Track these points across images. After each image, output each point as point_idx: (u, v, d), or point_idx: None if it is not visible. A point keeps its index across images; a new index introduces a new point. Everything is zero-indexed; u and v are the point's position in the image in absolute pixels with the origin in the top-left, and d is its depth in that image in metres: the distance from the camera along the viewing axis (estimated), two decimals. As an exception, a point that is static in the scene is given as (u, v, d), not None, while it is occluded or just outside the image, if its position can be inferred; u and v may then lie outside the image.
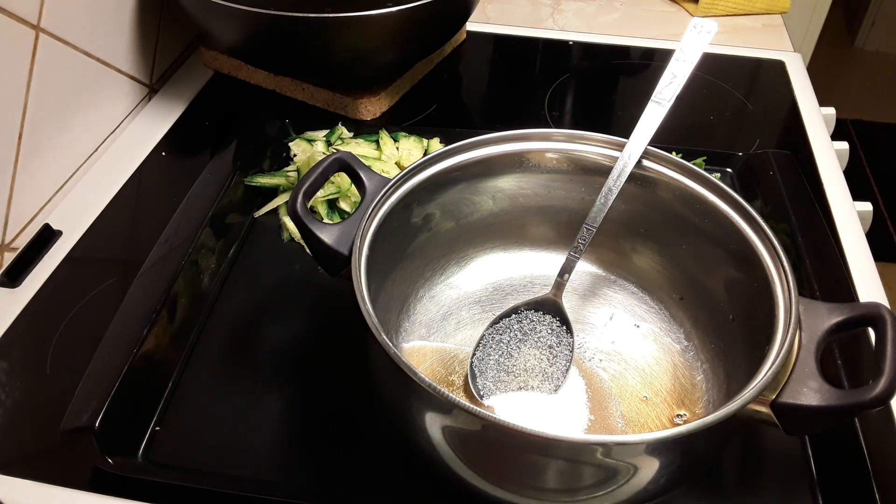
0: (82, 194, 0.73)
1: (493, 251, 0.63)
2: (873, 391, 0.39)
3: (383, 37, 0.76)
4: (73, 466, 0.51)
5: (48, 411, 0.53)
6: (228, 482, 0.50)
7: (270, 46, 0.78)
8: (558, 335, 0.55)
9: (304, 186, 0.51)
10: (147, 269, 0.60)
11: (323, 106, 0.85)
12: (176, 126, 0.82)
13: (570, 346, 0.55)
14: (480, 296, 0.61)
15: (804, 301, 0.46)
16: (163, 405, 0.55)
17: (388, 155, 0.74)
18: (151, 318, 0.55)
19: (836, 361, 0.57)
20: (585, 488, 0.44)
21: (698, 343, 0.56)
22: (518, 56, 0.97)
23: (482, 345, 0.55)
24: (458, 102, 0.91)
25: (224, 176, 0.70)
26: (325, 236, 0.50)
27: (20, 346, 0.59)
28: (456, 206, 0.58)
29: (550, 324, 0.56)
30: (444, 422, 0.43)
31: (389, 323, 0.56)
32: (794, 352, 0.43)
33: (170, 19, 0.87)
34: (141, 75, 0.84)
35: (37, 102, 0.67)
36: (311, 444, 0.53)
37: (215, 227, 0.65)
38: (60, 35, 0.69)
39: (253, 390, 0.57)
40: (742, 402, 0.40)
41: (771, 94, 0.90)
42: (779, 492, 0.51)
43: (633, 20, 1.04)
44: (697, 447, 0.44)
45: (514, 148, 0.57)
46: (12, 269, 0.64)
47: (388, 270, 0.55)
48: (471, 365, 0.54)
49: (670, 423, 0.52)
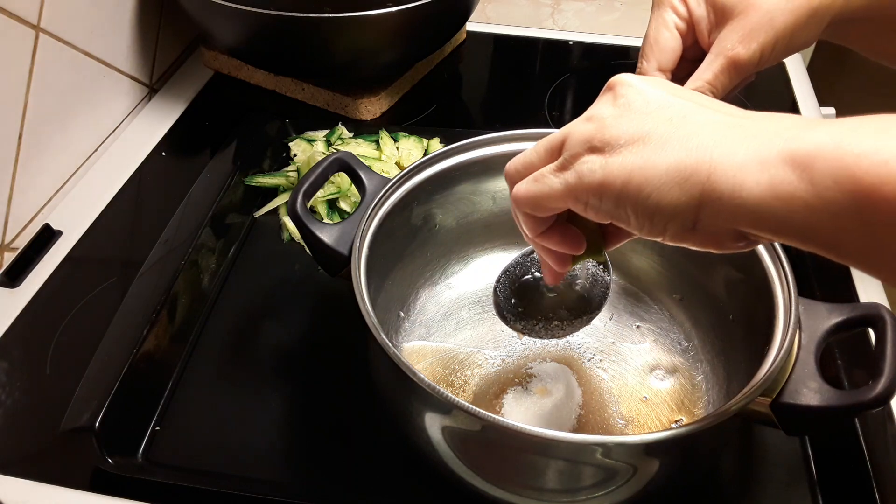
0: (82, 194, 0.73)
1: (493, 251, 0.63)
2: (873, 391, 0.39)
3: (383, 37, 0.76)
4: (73, 466, 0.51)
5: (48, 411, 0.53)
6: (228, 482, 0.50)
7: (270, 46, 0.78)
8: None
9: (304, 186, 0.51)
10: (147, 269, 0.60)
11: (323, 106, 0.85)
12: (176, 126, 0.82)
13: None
14: (480, 296, 0.61)
15: (804, 301, 0.46)
16: (163, 405, 0.55)
17: (388, 155, 0.74)
18: (151, 318, 0.55)
19: (836, 361, 0.57)
20: (585, 488, 0.44)
21: (698, 343, 0.56)
22: (518, 56, 0.97)
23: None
24: (458, 102, 0.91)
25: (224, 176, 0.70)
26: (325, 236, 0.50)
27: (20, 346, 0.59)
28: (456, 206, 0.58)
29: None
30: (444, 422, 0.43)
31: (389, 323, 0.56)
32: (793, 352, 0.43)
33: (170, 19, 0.87)
34: (141, 75, 0.84)
35: (37, 102, 0.67)
36: (311, 443, 0.53)
37: (215, 227, 0.65)
38: (60, 35, 0.69)
39: (253, 390, 0.57)
40: (742, 402, 0.40)
41: (771, 94, 0.90)
42: (779, 492, 0.51)
43: (633, 20, 1.04)
44: (697, 447, 0.44)
45: (514, 148, 0.57)
46: (12, 269, 0.64)
47: (388, 270, 0.55)
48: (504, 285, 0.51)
49: (670, 424, 0.52)
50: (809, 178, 0.28)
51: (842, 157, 0.27)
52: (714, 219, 0.31)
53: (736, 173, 0.30)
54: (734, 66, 0.45)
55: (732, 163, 0.30)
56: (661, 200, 0.32)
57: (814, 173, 0.28)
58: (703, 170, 0.31)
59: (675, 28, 0.48)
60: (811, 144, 0.28)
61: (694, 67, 0.47)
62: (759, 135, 0.30)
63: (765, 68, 0.46)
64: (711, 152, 0.31)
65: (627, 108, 0.34)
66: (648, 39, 0.48)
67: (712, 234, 0.32)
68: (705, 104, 0.34)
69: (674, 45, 0.48)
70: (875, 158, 0.27)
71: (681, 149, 0.31)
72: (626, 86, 0.35)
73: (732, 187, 0.30)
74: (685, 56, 0.49)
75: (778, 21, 0.44)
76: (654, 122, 0.33)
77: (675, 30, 0.48)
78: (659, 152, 0.32)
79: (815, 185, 0.28)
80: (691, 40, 0.48)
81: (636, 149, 0.33)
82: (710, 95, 0.45)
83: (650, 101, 0.34)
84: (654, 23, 0.48)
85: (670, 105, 0.34)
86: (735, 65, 0.45)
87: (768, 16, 0.44)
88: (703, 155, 0.31)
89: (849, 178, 0.27)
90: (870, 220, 0.27)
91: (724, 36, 0.45)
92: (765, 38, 0.44)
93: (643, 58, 0.49)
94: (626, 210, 0.33)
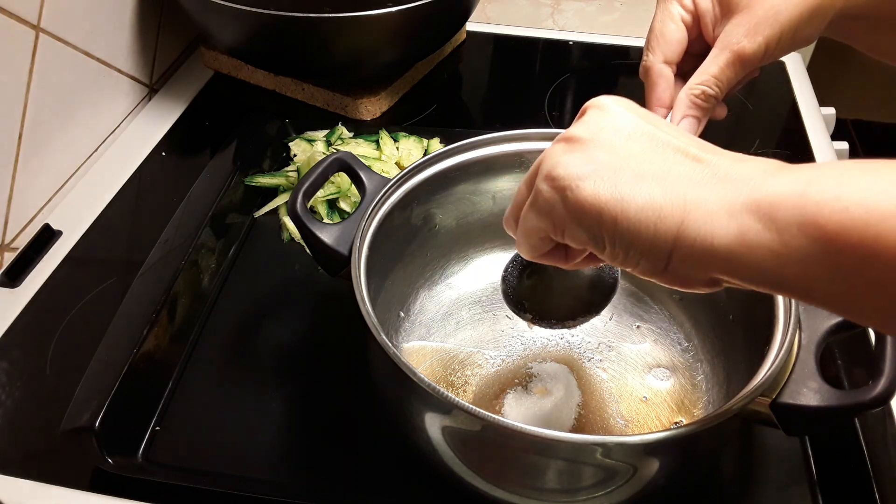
0: (82, 194, 0.73)
1: (493, 251, 0.63)
2: (873, 391, 0.39)
3: (383, 37, 0.76)
4: (73, 466, 0.51)
5: (48, 411, 0.53)
6: (228, 482, 0.50)
7: (270, 46, 0.78)
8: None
9: (304, 186, 0.51)
10: (147, 269, 0.60)
11: (323, 106, 0.85)
12: (176, 126, 0.82)
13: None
14: (480, 296, 0.61)
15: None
16: (163, 405, 0.55)
17: (388, 155, 0.74)
18: (151, 318, 0.55)
19: (836, 361, 0.57)
20: (585, 488, 0.44)
21: (698, 343, 0.56)
22: (518, 56, 0.97)
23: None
24: (458, 102, 0.91)
25: (224, 176, 0.70)
26: (325, 236, 0.50)
27: (20, 346, 0.59)
28: (456, 206, 0.58)
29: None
30: (444, 422, 0.43)
31: (389, 323, 0.56)
32: (793, 352, 0.43)
33: (170, 19, 0.87)
34: (141, 75, 0.84)
35: (37, 102, 0.67)
36: (311, 444, 0.53)
37: (215, 227, 0.65)
38: (60, 35, 0.69)
39: (253, 390, 0.57)
40: (742, 402, 0.40)
41: (771, 95, 0.90)
42: (779, 492, 0.51)
43: (633, 20, 1.04)
44: (697, 447, 0.44)
45: (514, 148, 0.57)
46: (12, 269, 0.64)
47: (388, 270, 0.55)
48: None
49: (670, 424, 0.52)
50: (775, 227, 0.28)
51: (804, 206, 0.27)
52: (684, 263, 0.31)
53: (707, 220, 0.30)
54: (740, 60, 0.45)
55: (704, 210, 0.30)
56: (638, 236, 0.32)
57: (778, 222, 0.28)
58: (677, 213, 0.30)
59: (680, 21, 0.48)
60: (774, 193, 0.28)
61: (698, 62, 0.47)
62: (727, 181, 0.30)
63: (768, 63, 0.47)
64: (685, 196, 0.31)
65: (598, 136, 0.34)
66: (654, 31, 0.49)
67: (682, 277, 0.32)
68: (677, 137, 0.34)
69: (679, 37, 0.48)
70: (836, 206, 0.27)
71: (656, 187, 0.31)
72: (599, 109, 0.35)
73: (704, 235, 0.30)
74: (689, 50, 0.49)
75: (783, 15, 0.44)
76: (627, 153, 0.33)
77: (681, 22, 0.48)
78: (634, 186, 0.32)
79: (781, 233, 0.28)
80: (696, 34, 0.49)
81: (609, 178, 0.32)
82: (716, 90, 0.46)
83: (621, 129, 0.34)
84: (660, 15, 0.49)
85: (643, 134, 0.34)
86: (741, 59, 0.45)
87: (773, 10, 0.44)
88: (676, 198, 0.31)
89: (812, 226, 0.27)
90: (836, 266, 0.27)
91: (729, 30, 0.45)
92: (770, 32, 0.44)
93: (649, 50, 0.49)
94: (602, 240, 0.33)
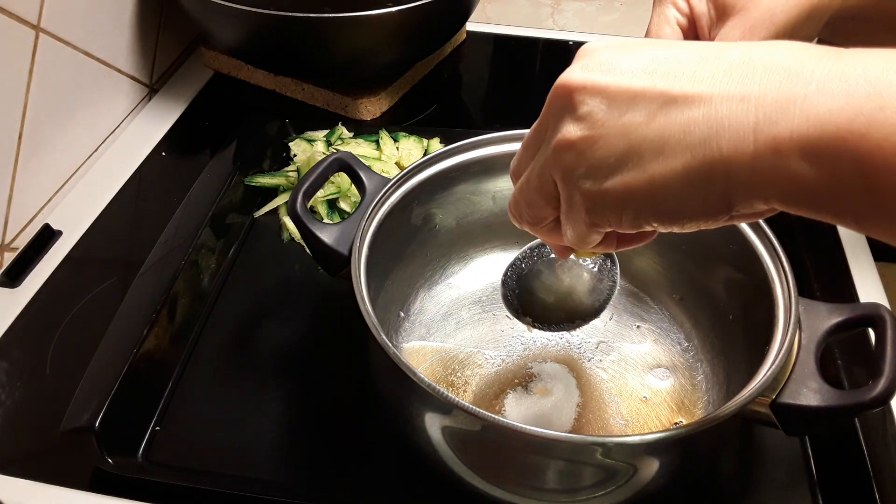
0: (82, 194, 0.73)
1: (493, 251, 0.63)
2: (873, 391, 0.39)
3: (383, 37, 0.76)
4: (73, 466, 0.51)
5: (48, 411, 0.53)
6: (228, 482, 0.50)
7: (270, 46, 0.78)
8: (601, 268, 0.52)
9: (304, 186, 0.51)
10: (147, 269, 0.60)
11: (323, 106, 0.85)
12: (176, 126, 0.82)
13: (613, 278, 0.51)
14: (480, 296, 0.61)
15: (804, 301, 0.46)
16: (163, 405, 0.55)
17: (388, 155, 0.74)
18: (151, 318, 0.55)
19: (836, 361, 0.57)
20: (585, 488, 0.44)
21: (698, 343, 0.56)
22: (518, 56, 0.97)
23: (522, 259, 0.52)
24: (458, 102, 0.91)
25: (224, 176, 0.70)
26: (325, 236, 0.50)
27: (20, 346, 0.59)
28: (456, 206, 0.58)
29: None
30: (444, 422, 0.43)
31: (389, 323, 0.56)
32: (793, 352, 0.43)
33: (170, 19, 0.87)
34: (141, 75, 0.84)
35: (37, 102, 0.67)
36: (311, 444, 0.53)
37: (215, 227, 0.65)
38: (60, 35, 0.69)
39: (253, 390, 0.57)
40: (742, 402, 0.40)
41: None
42: (779, 492, 0.51)
43: (633, 20, 1.04)
44: (697, 447, 0.44)
45: (514, 148, 0.56)
46: (12, 269, 0.64)
47: (388, 270, 0.55)
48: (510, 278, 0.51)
49: (670, 424, 0.52)
50: (829, 171, 0.26)
51: (861, 144, 0.25)
52: (749, 207, 0.29)
53: (753, 166, 0.28)
54: None
55: (745, 156, 0.28)
56: (684, 210, 0.30)
57: (833, 166, 0.26)
58: (718, 172, 0.28)
59: (676, 24, 0.48)
60: (822, 129, 0.26)
61: None
62: (760, 111, 0.27)
63: None
64: (719, 147, 0.28)
65: (594, 121, 0.31)
66: (650, 35, 0.48)
67: (752, 216, 0.31)
68: (673, 68, 0.30)
69: (675, 40, 0.48)
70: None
71: (683, 151, 0.29)
72: (582, 92, 0.32)
73: (756, 182, 0.28)
74: None
75: (778, 17, 0.44)
76: (634, 124, 0.30)
77: (677, 25, 0.48)
78: (661, 163, 0.29)
79: (838, 176, 0.26)
80: (692, 37, 0.48)
81: (633, 164, 0.30)
82: None
83: (615, 102, 0.31)
84: (656, 18, 0.48)
85: (639, 94, 0.30)
86: None
87: (769, 12, 0.44)
88: (710, 152, 0.28)
89: (871, 171, 0.25)
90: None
91: (724, 33, 0.45)
92: (766, 35, 0.44)
93: None
94: (649, 222, 0.32)
